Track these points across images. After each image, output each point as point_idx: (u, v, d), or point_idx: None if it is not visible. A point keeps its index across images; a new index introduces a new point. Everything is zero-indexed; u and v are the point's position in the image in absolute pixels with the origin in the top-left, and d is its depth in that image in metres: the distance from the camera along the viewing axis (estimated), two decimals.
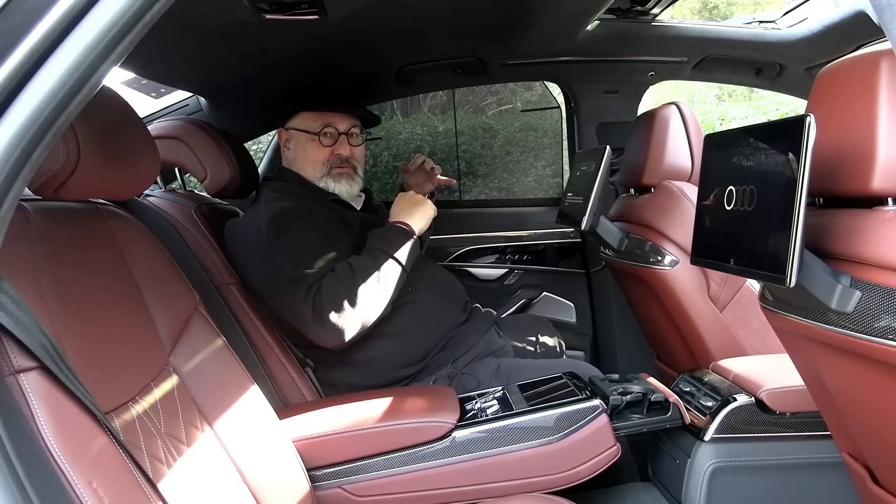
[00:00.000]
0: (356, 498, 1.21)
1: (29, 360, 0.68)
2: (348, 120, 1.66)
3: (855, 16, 1.74)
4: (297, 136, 1.65)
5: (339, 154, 1.64)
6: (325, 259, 1.43)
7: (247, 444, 1.07)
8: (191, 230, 1.44)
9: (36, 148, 0.62)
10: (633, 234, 1.77)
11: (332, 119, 1.64)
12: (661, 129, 1.75)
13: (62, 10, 0.59)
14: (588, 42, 2.01)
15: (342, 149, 1.64)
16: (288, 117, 1.67)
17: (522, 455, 1.19)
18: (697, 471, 1.27)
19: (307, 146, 1.64)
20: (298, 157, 1.66)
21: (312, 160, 1.63)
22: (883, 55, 0.76)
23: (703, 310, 1.67)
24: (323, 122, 1.63)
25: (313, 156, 1.63)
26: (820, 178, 0.81)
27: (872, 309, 0.75)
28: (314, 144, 1.63)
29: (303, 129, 1.64)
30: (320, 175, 1.63)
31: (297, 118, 1.65)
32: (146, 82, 1.98)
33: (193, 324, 1.10)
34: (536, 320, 1.88)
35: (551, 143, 2.84)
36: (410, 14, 1.62)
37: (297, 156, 1.66)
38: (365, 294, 1.38)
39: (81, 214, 1.01)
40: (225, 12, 1.35)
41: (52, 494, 0.64)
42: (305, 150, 1.64)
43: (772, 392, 1.26)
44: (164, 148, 1.49)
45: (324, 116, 1.63)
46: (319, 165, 1.63)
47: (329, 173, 1.63)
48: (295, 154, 1.67)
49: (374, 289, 1.40)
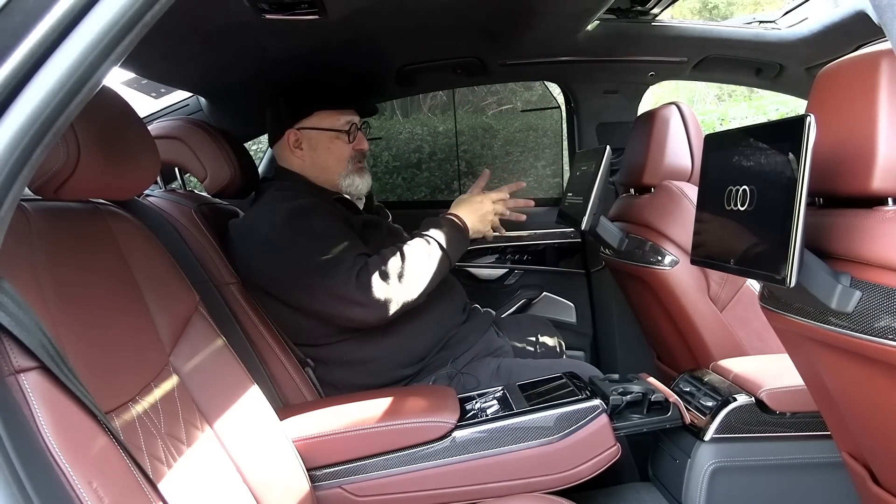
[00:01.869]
0: (356, 498, 1.21)
1: (29, 360, 0.68)
2: (356, 115, 1.68)
3: (855, 16, 1.74)
4: (317, 136, 1.63)
5: (360, 149, 1.66)
6: (353, 243, 1.44)
7: (247, 444, 1.07)
8: (191, 230, 1.44)
9: (36, 148, 0.62)
10: (633, 234, 1.77)
11: (351, 116, 1.65)
12: (661, 129, 1.75)
13: (62, 10, 0.59)
14: (588, 42, 2.01)
15: (363, 143, 1.67)
16: (300, 117, 1.63)
17: (522, 455, 1.19)
18: (697, 471, 1.27)
19: (332, 145, 1.63)
20: (320, 158, 1.63)
21: (338, 158, 1.63)
22: (883, 55, 0.76)
23: (703, 310, 1.67)
24: (347, 120, 1.64)
25: (339, 153, 1.63)
26: (820, 178, 0.81)
27: (872, 309, 0.75)
28: (340, 142, 1.63)
29: (326, 128, 1.62)
30: (345, 172, 1.64)
31: (314, 118, 1.62)
32: (146, 82, 1.98)
33: (193, 324, 1.10)
34: (536, 320, 1.88)
35: (551, 143, 2.85)
36: (410, 14, 1.62)
37: (319, 156, 1.63)
38: (411, 273, 1.40)
39: (81, 214, 1.01)
40: (225, 12, 1.35)
41: (52, 494, 0.64)
42: (330, 148, 1.63)
43: (772, 392, 1.26)
44: (164, 148, 1.48)
45: (345, 114, 1.64)
46: (345, 163, 1.64)
47: (354, 170, 1.65)
48: (315, 154, 1.63)
49: (420, 270, 1.42)
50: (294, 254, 1.41)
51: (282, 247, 1.43)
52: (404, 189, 3.11)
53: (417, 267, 1.42)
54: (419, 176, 3.12)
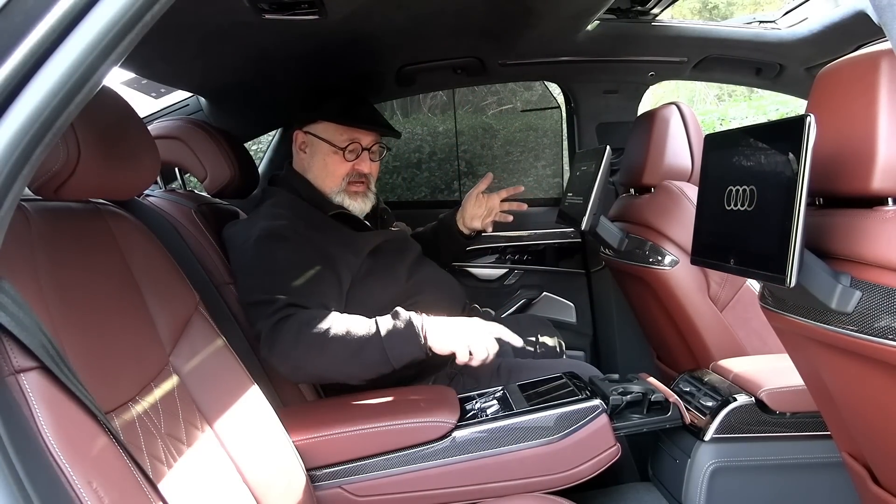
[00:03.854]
0: (356, 498, 1.21)
1: (29, 360, 0.68)
2: (372, 136, 1.62)
3: (855, 16, 1.74)
4: (317, 144, 1.60)
5: (359, 170, 1.60)
6: (305, 285, 1.37)
7: (247, 444, 1.07)
8: (191, 230, 1.44)
9: (36, 148, 0.62)
10: (633, 234, 1.77)
11: (357, 134, 1.59)
12: (661, 129, 1.75)
13: (62, 10, 0.59)
14: (588, 42, 2.01)
15: (363, 165, 1.61)
16: (309, 121, 1.62)
17: (522, 455, 1.19)
18: (697, 471, 1.27)
19: (328, 158, 1.59)
20: (316, 166, 1.61)
21: (332, 173, 1.59)
22: (883, 55, 0.76)
23: (703, 310, 1.67)
24: (349, 137, 1.58)
25: (333, 169, 1.59)
26: (820, 178, 0.81)
27: (872, 309, 0.75)
28: (337, 158, 1.59)
29: (326, 140, 1.59)
30: (337, 190, 1.60)
31: (321, 126, 1.60)
32: (146, 82, 1.98)
33: (193, 324, 1.10)
34: (536, 320, 1.88)
35: (551, 143, 2.85)
36: (410, 14, 1.61)
37: (315, 164, 1.61)
38: (333, 350, 1.26)
39: (81, 214, 1.01)
40: (225, 12, 1.35)
41: (52, 494, 0.64)
42: (326, 162, 1.59)
43: (772, 392, 1.26)
44: (164, 148, 1.48)
45: (350, 131, 1.59)
46: (339, 180, 1.59)
47: (346, 190, 1.60)
48: (312, 162, 1.61)
49: (343, 353, 1.26)
50: (247, 280, 1.40)
51: (241, 268, 1.43)
52: (404, 189, 3.12)
53: (342, 343, 1.26)
54: (419, 176, 3.13)
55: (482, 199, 1.82)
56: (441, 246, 1.89)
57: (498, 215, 1.82)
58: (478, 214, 1.82)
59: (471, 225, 1.84)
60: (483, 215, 1.82)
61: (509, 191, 1.80)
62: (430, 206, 2.92)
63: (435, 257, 1.76)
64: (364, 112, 1.64)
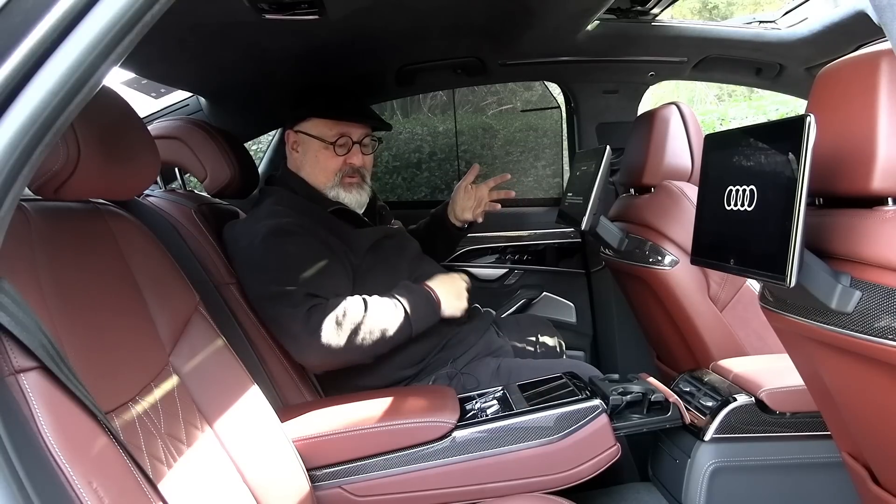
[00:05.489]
0: (356, 498, 1.21)
1: (29, 360, 0.68)
2: (362, 129, 1.63)
3: (855, 16, 1.74)
4: (308, 142, 1.62)
5: (351, 164, 1.62)
6: (318, 277, 1.41)
7: (247, 444, 1.07)
8: (191, 230, 1.44)
9: (36, 148, 0.62)
10: (633, 234, 1.77)
11: (347, 128, 1.61)
12: (661, 129, 1.75)
13: (62, 10, 0.59)
14: (588, 42, 2.01)
15: (355, 158, 1.62)
16: (299, 120, 1.64)
17: (522, 455, 1.19)
18: (697, 471, 1.27)
19: (319, 154, 1.61)
20: (308, 163, 1.63)
21: (324, 169, 1.61)
22: (883, 55, 0.76)
23: (703, 310, 1.67)
24: (338, 132, 1.60)
25: (325, 164, 1.61)
26: (820, 178, 0.81)
27: (872, 309, 0.75)
28: (327, 153, 1.60)
29: (316, 136, 1.61)
30: (331, 185, 1.61)
31: (310, 123, 1.62)
32: (146, 82, 1.98)
33: (193, 324, 1.10)
34: (536, 320, 1.88)
35: (551, 143, 2.84)
36: (410, 14, 1.62)
37: (307, 162, 1.63)
38: (366, 330, 1.38)
39: (81, 214, 1.01)
40: (225, 12, 1.35)
41: (52, 494, 0.64)
42: (317, 157, 1.61)
43: (772, 392, 1.26)
44: (164, 148, 1.48)
45: (339, 125, 1.61)
46: (331, 175, 1.61)
47: (340, 183, 1.62)
48: (304, 159, 1.63)
49: (377, 330, 1.39)
50: (260, 276, 1.42)
51: (252, 265, 1.44)
52: (404, 189, 3.11)
53: (375, 326, 1.39)
54: (419, 176, 3.12)
55: (471, 191, 1.84)
56: (436, 240, 1.90)
57: (487, 205, 1.84)
58: (468, 206, 1.84)
59: (462, 217, 1.86)
60: (473, 206, 1.84)
61: (496, 180, 1.84)
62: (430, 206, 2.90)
63: (431, 252, 1.77)
64: (351, 105, 1.65)
